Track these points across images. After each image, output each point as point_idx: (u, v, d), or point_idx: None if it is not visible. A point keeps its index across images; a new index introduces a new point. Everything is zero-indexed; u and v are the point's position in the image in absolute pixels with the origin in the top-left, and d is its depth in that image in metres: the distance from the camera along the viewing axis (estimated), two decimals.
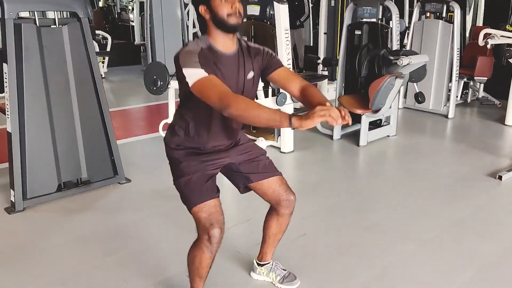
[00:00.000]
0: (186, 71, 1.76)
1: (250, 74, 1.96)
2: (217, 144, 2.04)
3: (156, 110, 6.07)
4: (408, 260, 2.67)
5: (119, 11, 11.11)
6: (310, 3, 7.35)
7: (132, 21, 10.67)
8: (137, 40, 10.03)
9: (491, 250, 2.78)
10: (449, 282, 2.47)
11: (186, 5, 8.44)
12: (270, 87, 4.09)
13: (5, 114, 3.64)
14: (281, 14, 4.09)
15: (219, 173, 2.11)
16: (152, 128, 5.09)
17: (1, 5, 2.90)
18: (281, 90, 3.92)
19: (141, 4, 9.94)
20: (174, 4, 8.04)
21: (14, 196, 3.19)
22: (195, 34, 8.56)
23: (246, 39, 4.19)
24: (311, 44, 9.12)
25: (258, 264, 2.44)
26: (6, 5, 2.90)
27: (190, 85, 1.74)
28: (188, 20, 8.53)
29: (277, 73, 1.99)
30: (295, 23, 6.47)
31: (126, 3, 11.52)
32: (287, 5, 4.11)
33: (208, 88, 1.72)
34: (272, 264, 2.43)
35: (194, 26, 9.27)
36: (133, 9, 10.86)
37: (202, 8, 1.87)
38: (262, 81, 2.07)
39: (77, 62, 3.27)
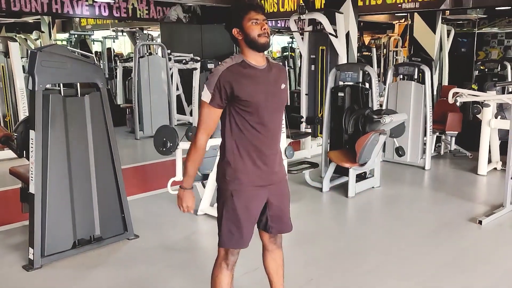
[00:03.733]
0: (204, 88, 2.15)
1: (283, 85, 2.28)
2: (262, 162, 2.23)
3: (154, 168, 6.36)
4: None
5: (107, 76, 11.52)
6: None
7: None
8: (121, 103, 10.35)
9: (481, 286, 3.12)
10: None
11: (170, 68, 8.93)
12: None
13: (17, 178, 3.89)
14: None
15: None
16: (153, 185, 5.35)
17: (33, 78, 3.22)
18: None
19: (124, 69, 10.39)
20: (160, 69, 8.49)
21: (33, 254, 3.35)
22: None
23: None
24: (288, 103, 9.68)
25: None
26: (37, 78, 3.22)
27: (202, 99, 2.16)
28: (172, 83, 8.99)
29: None
30: None
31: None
32: None
33: (201, 116, 2.18)
34: None
35: (177, 89, 9.73)
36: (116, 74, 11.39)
37: (235, 31, 2.19)
38: None
39: (96, 127, 3.57)
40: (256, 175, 2.23)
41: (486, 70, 7.77)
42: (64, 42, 12.07)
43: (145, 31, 11.50)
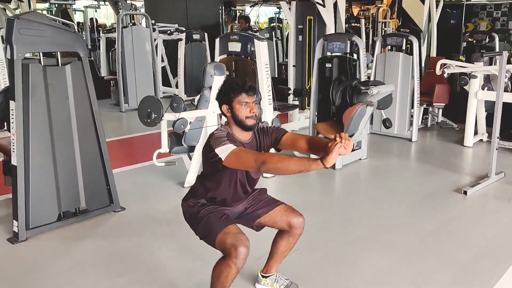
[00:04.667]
0: (218, 150, 2.12)
1: None
2: (235, 204, 2.44)
3: (140, 140, 6.30)
4: (393, 266, 3.00)
5: (90, 47, 11.27)
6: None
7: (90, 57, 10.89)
8: (105, 75, 10.17)
9: (465, 253, 3.16)
10: (431, 283, 2.81)
11: (154, 39, 8.76)
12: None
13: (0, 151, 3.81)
14: (261, 50, 4.46)
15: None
16: (139, 158, 5.30)
17: (11, 46, 3.11)
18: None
19: (107, 40, 10.16)
20: (144, 40, 8.32)
21: (17, 226, 3.31)
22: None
23: (228, 73, 4.56)
24: (276, 76, 9.63)
25: (263, 276, 2.69)
26: (15, 46, 3.10)
27: (223, 158, 2.09)
28: (156, 54, 8.84)
29: (284, 140, 2.35)
30: None
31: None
32: (266, 42, 4.48)
33: (242, 155, 2.10)
34: (276, 275, 2.69)
35: (162, 60, 9.58)
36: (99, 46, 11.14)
37: (224, 107, 2.27)
38: (275, 150, 2.45)
39: (78, 98, 3.48)
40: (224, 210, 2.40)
41: (474, 41, 7.75)
42: (45, 12, 11.75)
43: (128, 1, 11.21)
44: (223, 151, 2.11)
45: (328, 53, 5.25)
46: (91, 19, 12.05)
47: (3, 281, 2.87)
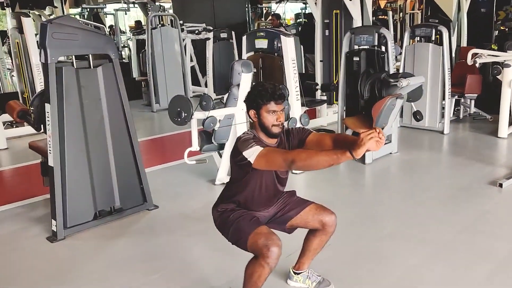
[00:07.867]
0: (245, 153, 2.14)
1: None
2: (265, 208, 2.45)
3: (171, 140, 6.42)
4: (427, 261, 2.96)
5: (120, 49, 11.49)
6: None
7: (124, 59, 11.12)
8: (136, 76, 10.35)
9: (502, 247, 3.09)
10: (466, 279, 2.76)
11: (183, 39, 8.86)
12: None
13: (37, 152, 3.94)
14: (288, 46, 4.45)
15: None
16: (170, 157, 5.39)
17: (44, 51, 3.21)
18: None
19: (137, 42, 10.34)
20: (173, 40, 8.43)
21: (55, 225, 3.43)
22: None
23: (255, 70, 4.58)
24: (303, 71, 9.58)
25: (295, 273, 2.69)
26: (49, 50, 3.21)
27: (252, 161, 2.12)
28: (185, 54, 8.94)
29: (309, 140, 2.34)
30: None
31: (125, 41, 11.97)
32: (293, 38, 4.48)
33: (271, 156, 2.12)
34: (308, 271, 2.69)
35: (191, 60, 9.68)
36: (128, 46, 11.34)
37: (252, 112, 2.28)
38: None
39: (110, 99, 3.57)
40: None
41: (507, 29, 7.53)
42: (77, 17, 12.05)
43: (156, 3, 11.39)
44: (251, 153, 2.12)
45: (356, 47, 5.20)
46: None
47: (44, 279, 2.98)
